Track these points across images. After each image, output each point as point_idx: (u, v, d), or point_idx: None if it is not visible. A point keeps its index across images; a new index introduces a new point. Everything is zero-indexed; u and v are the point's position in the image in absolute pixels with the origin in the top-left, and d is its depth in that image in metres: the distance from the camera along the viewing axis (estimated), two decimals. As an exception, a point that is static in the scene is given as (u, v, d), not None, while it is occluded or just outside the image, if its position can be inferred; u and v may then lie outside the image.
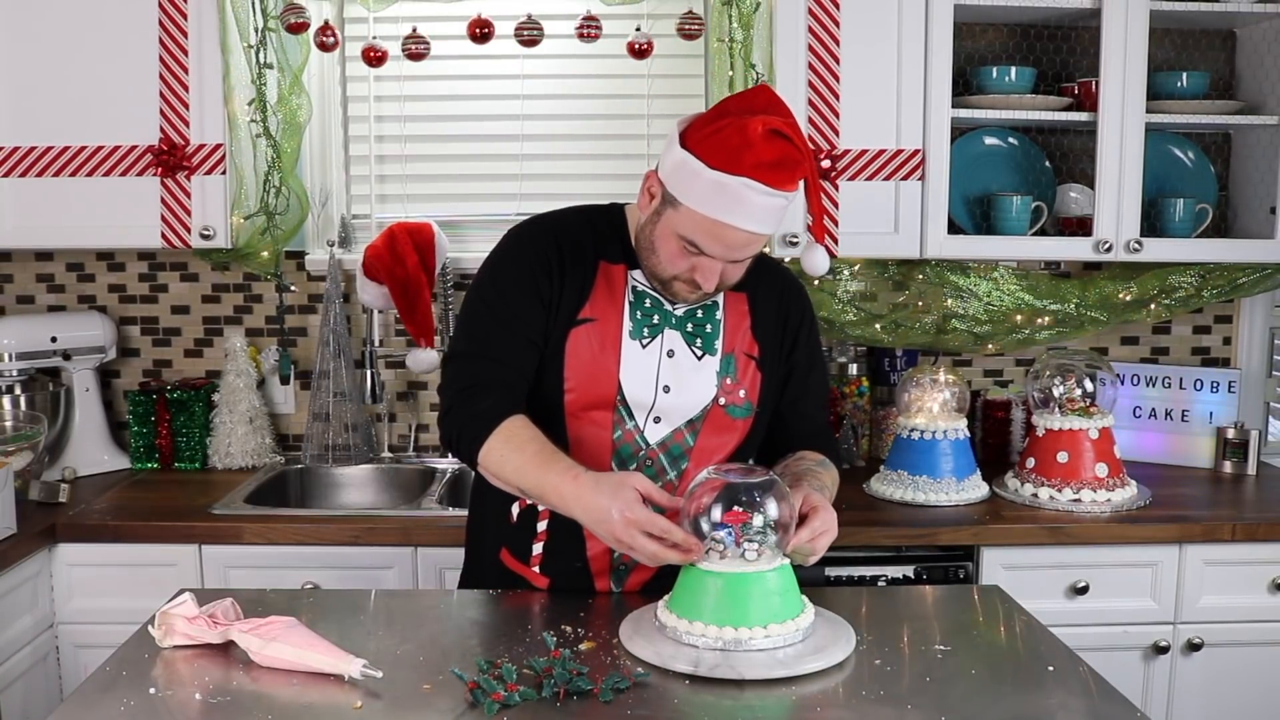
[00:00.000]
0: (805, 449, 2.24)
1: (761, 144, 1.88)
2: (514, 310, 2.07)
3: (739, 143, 1.89)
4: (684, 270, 2.02)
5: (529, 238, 2.13)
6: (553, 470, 1.93)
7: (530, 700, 1.64)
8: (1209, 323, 3.60)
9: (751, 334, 2.19)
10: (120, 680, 1.72)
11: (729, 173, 1.89)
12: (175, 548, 2.81)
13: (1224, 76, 3.39)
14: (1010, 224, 3.14)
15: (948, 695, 1.68)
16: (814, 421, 2.30)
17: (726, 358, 2.15)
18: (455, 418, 2.03)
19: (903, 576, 2.82)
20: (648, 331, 2.11)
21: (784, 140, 1.90)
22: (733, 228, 1.93)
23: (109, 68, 3.02)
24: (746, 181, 1.89)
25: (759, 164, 1.88)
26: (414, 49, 3.17)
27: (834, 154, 3.04)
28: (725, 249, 1.97)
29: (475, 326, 2.11)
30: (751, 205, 1.91)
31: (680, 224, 1.96)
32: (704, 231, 1.94)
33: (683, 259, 2.00)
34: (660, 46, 3.23)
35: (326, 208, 3.50)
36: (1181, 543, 2.83)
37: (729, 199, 1.90)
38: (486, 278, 2.13)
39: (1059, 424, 2.97)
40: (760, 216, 1.93)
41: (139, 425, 3.33)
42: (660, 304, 2.12)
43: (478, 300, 2.12)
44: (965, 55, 3.30)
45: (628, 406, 2.10)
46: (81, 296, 3.50)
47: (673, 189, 1.96)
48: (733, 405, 2.15)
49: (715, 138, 1.91)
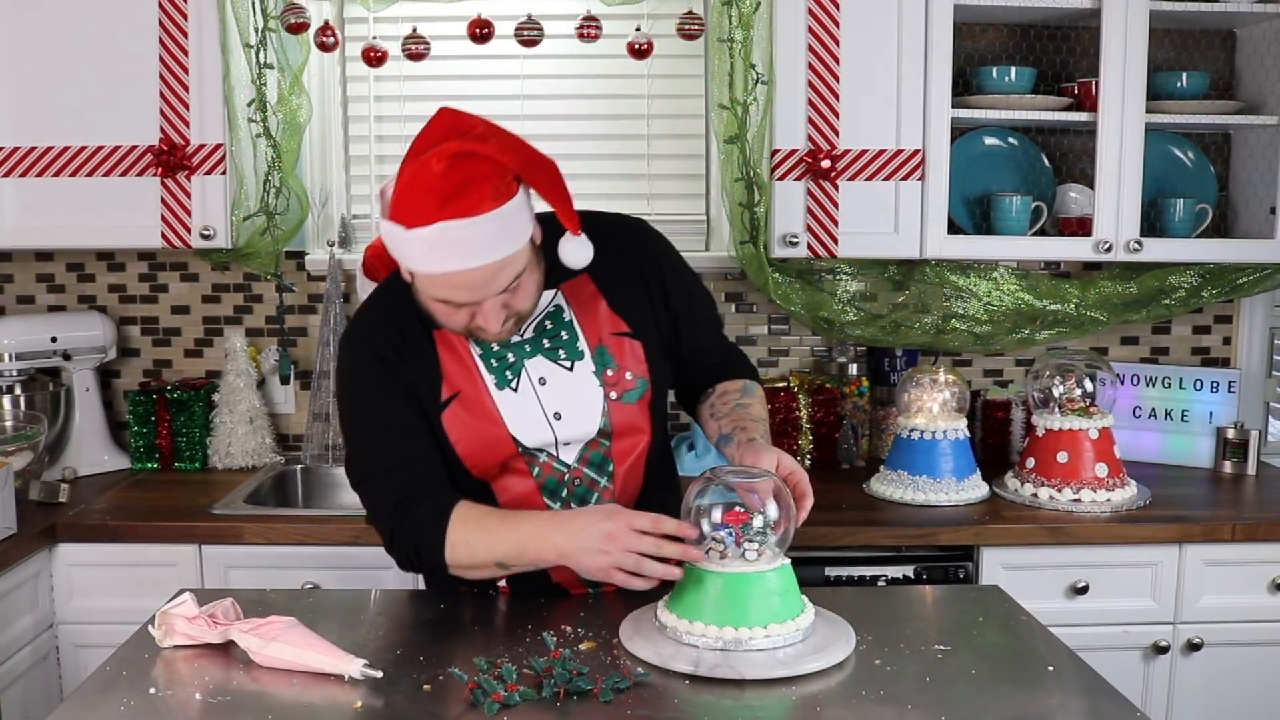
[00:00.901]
0: (718, 375, 2.23)
1: (441, 179, 1.73)
2: (386, 411, 2.00)
3: (420, 189, 1.74)
4: (466, 322, 1.89)
5: (359, 341, 2.03)
6: (525, 522, 1.91)
7: (530, 700, 1.64)
8: (1209, 323, 3.60)
9: (612, 309, 2.08)
10: (120, 680, 1.72)
11: (420, 225, 1.74)
12: (175, 548, 2.81)
13: (1224, 76, 3.39)
14: (1010, 224, 3.14)
15: (947, 695, 1.68)
16: (716, 350, 2.27)
17: (597, 350, 2.07)
18: (403, 538, 1.96)
19: (903, 576, 2.82)
20: (510, 374, 2.02)
21: (470, 159, 1.75)
22: (464, 272, 1.79)
23: (109, 68, 3.02)
24: (440, 227, 1.73)
25: (446, 200, 1.73)
26: (414, 49, 3.17)
27: (834, 154, 3.04)
28: (474, 292, 1.83)
29: (363, 447, 2.03)
30: (463, 244, 1.76)
31: (425, 289, 1.85)
32: (441, 287, 1.82)
33: (457, 314, 1.88)
34: (660, 46, 3.23)
35: (326, 208, 3.50)
36: (1181, 543, 2.83)
37: (440, 251, 1.76)
38: (347, 398, 2.05)
39: (1059, 424, 2.97)
40: (479, 248, 1.77)
41: (139, 425, 3.33)
42: (506, 342, 2.02)
43: (350, 422, 2.05)
44: (965, 55, 3.30)
45: (530, 453, 2.04)
46: (82, 296, 3.50)
47: (399, 260, 1.85)
48: (626, 392, 2.06)
49: (397, 191, 1.77)
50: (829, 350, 3.54)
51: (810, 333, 3.52)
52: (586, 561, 1.85)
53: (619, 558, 1.82)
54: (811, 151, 3.05)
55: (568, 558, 1.87)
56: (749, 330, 3.53)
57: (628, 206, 3.46)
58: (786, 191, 3.07)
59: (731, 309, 3.52)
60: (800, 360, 3.57)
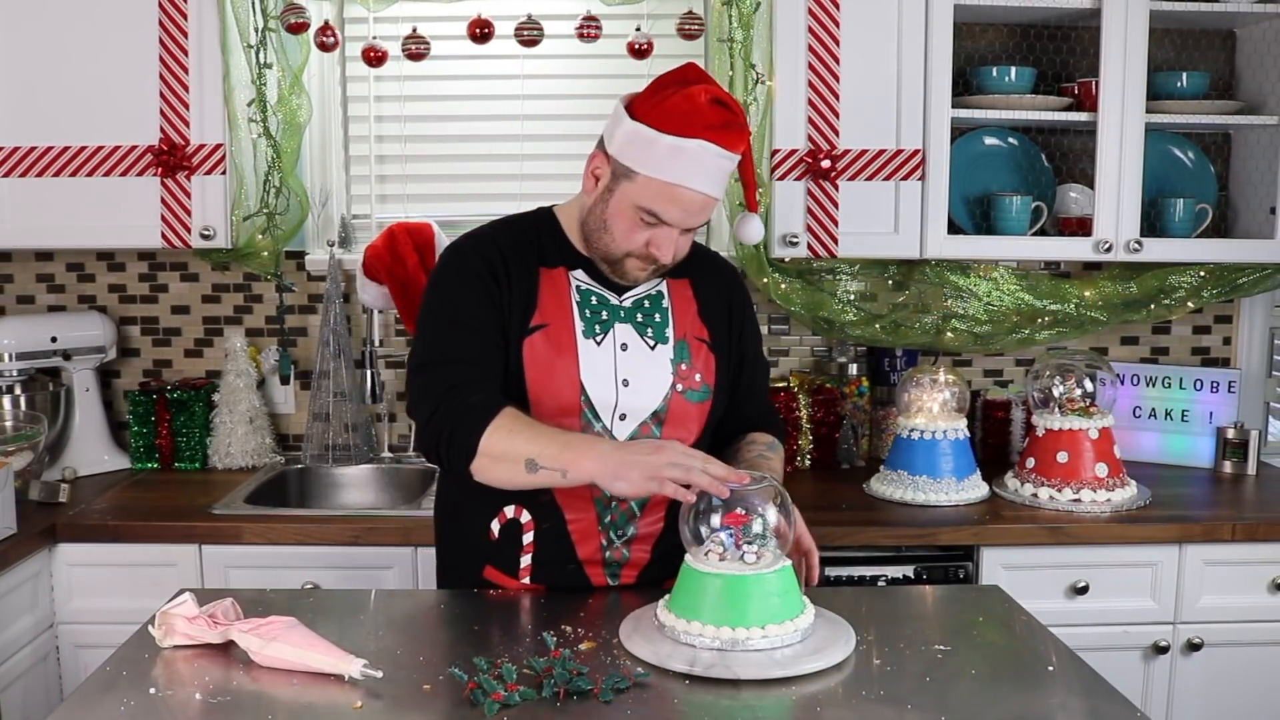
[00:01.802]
0: (753, 429, 2.31)
1: (709, 109, 1.95)
2: (473, 313, 2.07)
3: (688, 108, 1.95)
4: (639, 245, 2.05)
5: (469, 250, 2.14)
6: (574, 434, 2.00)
7: (530, 700, 1.64)
8: (1209, 323, 3.60)
9: (700, 318, 2.21)
10: (120, 680, 1.72)
11: (684, 136, 1.95)
12: (175, 548, 2.81)
13: (1224, 76, 3.39)
14: (1010, 224, 3.14)
15: (947, 695, 1.68)
16: (761, 403, 2.37)
17: (679, 344, 2.16)
18: (443, 417, 2.00)
19: (903, 576, 2.82)
20: (599, 328, 2.11)
21: (725, 107, 1.98)
22: (691, 190, 1.98)
23: (109, 68, 3.02)
24: (702, 143, 1.95)
25: (710, 126, 1.95)
26: (414, 49, 3.17)
27: (834, 154, 3.04)
28: (683, 213, 2.01)
29: (438, 336, 2.09)
30: (706, 167, 1.98)
31: (638, 195, 2.00)
32: (663, 197, 1.99)
33: (639, 232, 2.03)
34: (660, 46, 3.23)
35: (326, 208, 3.50)
36: (1181, 543, 2.83)
37: (686, 162, 1.96)
38: (436, 292, 2.13)
39: (1059, 424, 2.97)
40: (714, 178, 2.00)
41: (139, 425, 3.33)
42: (606, 300, 2.13)
43: (433, 313, 2.12)
44: (965, 55, 3.30)
45: (593, 408, 2.09)
46: (81, 296, 3.50)
47: (627, 160, 2.00)
48: (690, 390, 2.16)
49: (663, 106, 1.97)
50: (829, 350, 3.54)
51: (810, 333, 3.52)
52: (632, 474, 1.86)
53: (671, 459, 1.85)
54: (811, 151, 3.05)
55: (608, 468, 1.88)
56: (749, 330, 3.53)
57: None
58: (786, 191, 3.08)
59: (731, 309, 3.51)
60: (800, 360, 3.57)
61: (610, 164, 2.03)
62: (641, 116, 1.98)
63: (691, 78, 2.00)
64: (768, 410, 2.40)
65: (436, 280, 2.14)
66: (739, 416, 2.31)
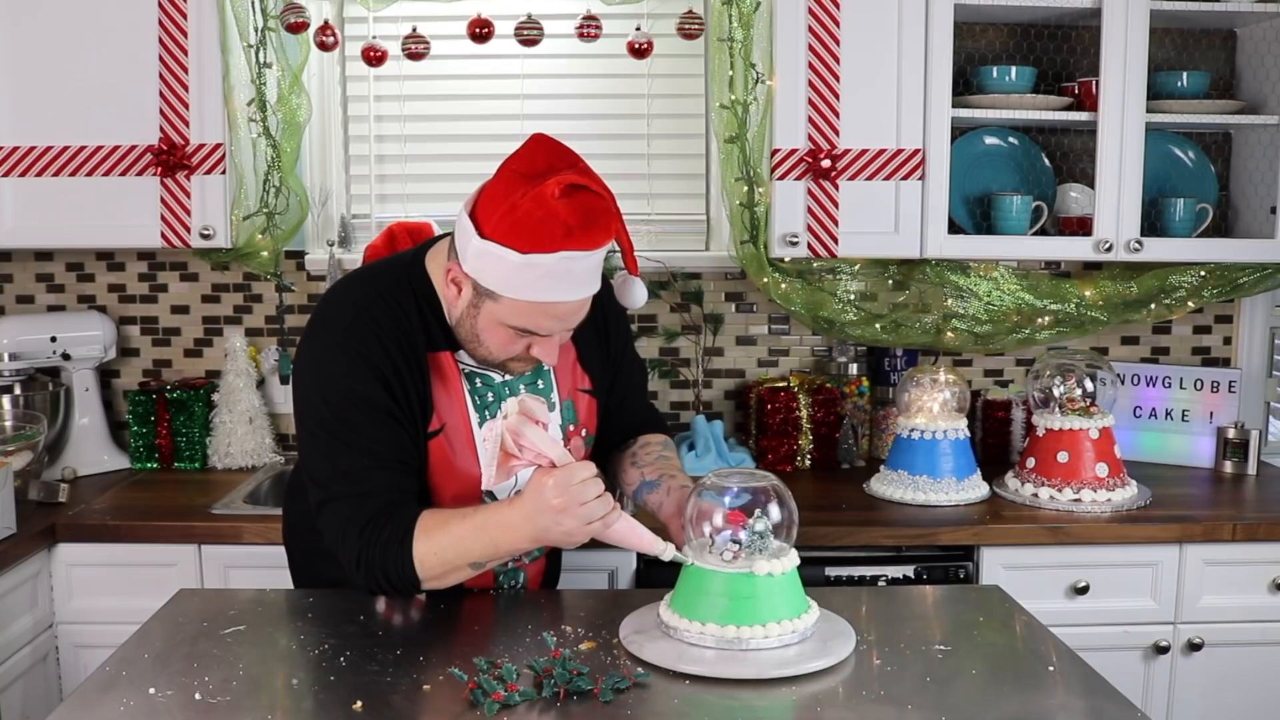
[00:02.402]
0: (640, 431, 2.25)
1: (565, 209, 1.76)
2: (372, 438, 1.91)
3: (541, 216, 1.76)
4: (519, 351, 1.92)
5: (355, 356, 1.91)
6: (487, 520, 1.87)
7: (530, 700, 1.64)
8: (1209, 322, 3.60)
9: (580, 365, 2.12)
10: (120, 680, 1.72)
11: (543, 252, 1.77)
12: (175, 547, 2.81)
13: (1224, 76, 3.39)
14: (1010, 224, 3.14)
15: (948, 695, 1.68)
16: (641, 410, 2.29)
17: (565, 405, 2.09)
18: (371, 563, 1.90)
19: (903, 576, 2.82)
20: (488, 414, 2.00)
21: (584, 192, 1.78)
22: (567, 303, 1.84)
23: (109, 67, 3.02)
24: (564, 255, 1.77)
25: (570, 232, 1.76)
26: (414, 49, 3.17)
27: (834, 153, 3.04)
28: (561, 322, 1.88)
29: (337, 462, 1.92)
30: (574, 275, 1.81)
31: (505, 315, 1.85)
32: (534, 315, 1.84)
33: (515, 343, 1.90)
34: (660, 46, 3.23)
35: (326, 207, 3.50)
36: (1182, 543, 2.83)
37: (551, 278, 1.79)
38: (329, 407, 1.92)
39: (1059, 424, 2.97)
40: (586, 280, 1.84)
41: (139, 425, 3.33)
42: (490, 380, 2.02)
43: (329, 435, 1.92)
44: (965, 55, 3.30)
45: (493, 496, 2.04)
46: (81, 296, 3.50)
47: (485, 282, 1.83)
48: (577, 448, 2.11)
49: (512, 217, 1.77)
50: (829, 350, 3.54)
51: (810, 332, 3.52)
52: (558, 539, 1.83)
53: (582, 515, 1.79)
54: (812, 151, 3.05)
55: (543, 541, 1.86)
56: (749, 330, 3.53)
57: (628, 206, 3.46)
58: (787, 191, 3.07)
59: (732, 309, 3.52)
60: (800, 360, 3.57)
61: (469, 279, 1.86)
62: (490, 234, 1.79)
63: (541, 168, 1.80)
64: (650, 416, 2.32)
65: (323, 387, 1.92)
66: (619, 425, 2.25)
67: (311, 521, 2.03)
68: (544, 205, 1.76)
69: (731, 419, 3.55)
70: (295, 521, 2.27)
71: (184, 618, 1.99)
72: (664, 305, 3.48)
